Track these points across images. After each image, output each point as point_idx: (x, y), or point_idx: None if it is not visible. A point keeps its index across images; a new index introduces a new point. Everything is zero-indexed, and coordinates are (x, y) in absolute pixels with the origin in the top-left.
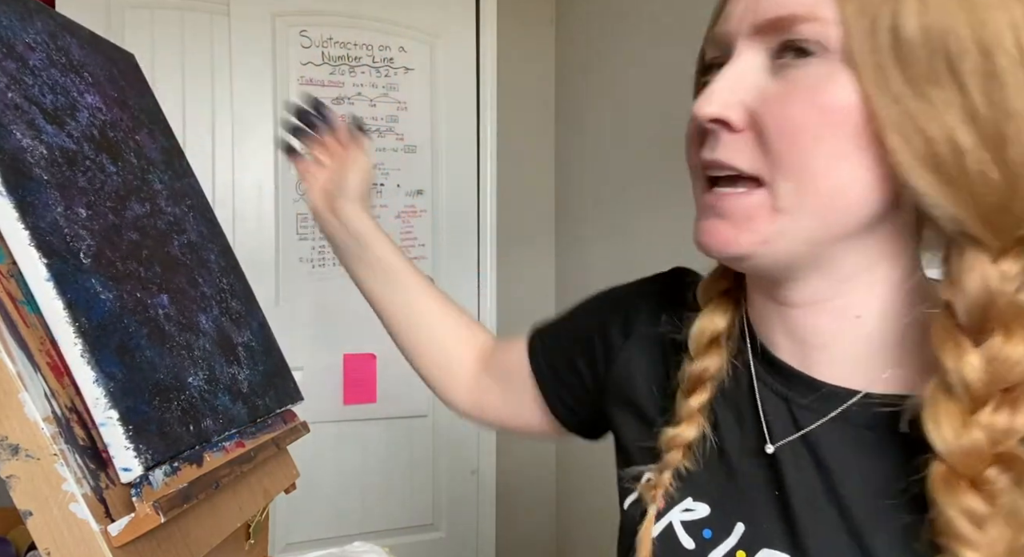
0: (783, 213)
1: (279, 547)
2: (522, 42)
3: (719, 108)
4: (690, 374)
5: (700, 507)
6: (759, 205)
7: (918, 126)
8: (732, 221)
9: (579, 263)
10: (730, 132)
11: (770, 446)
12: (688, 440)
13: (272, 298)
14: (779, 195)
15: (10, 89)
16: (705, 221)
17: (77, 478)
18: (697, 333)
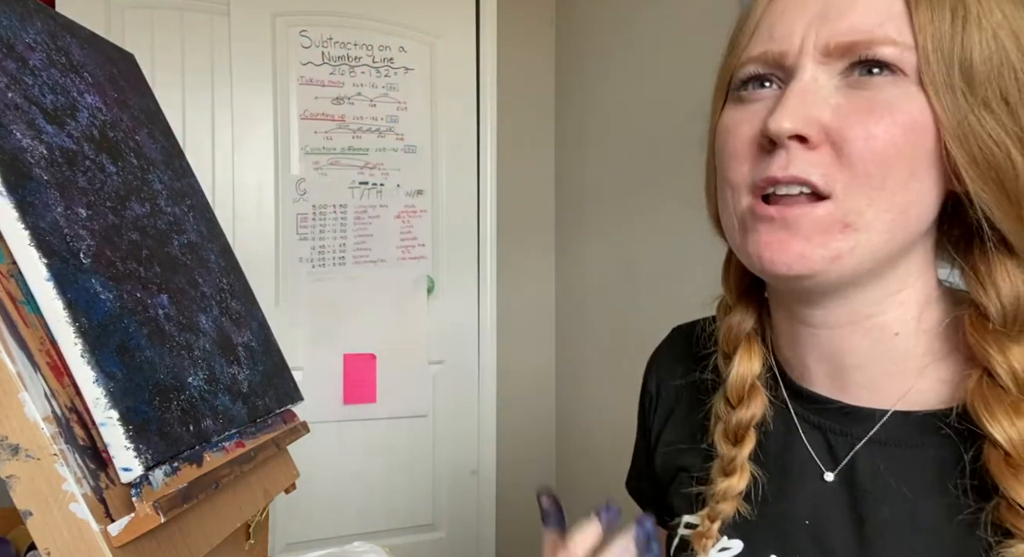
0: (855, 229)
1: (279, 547)
2: (522, 42)
3: (799, 124)
4: (737, 423)
5: (735, 544)
6: (832, 219)
7: (982, 142)
8: (804, 235)
9: (579, 263)
10: (806, 148)
11: (829, 474)
12: (740, 491)
13: (272, 298)
14: (850, 210)
15: (10, 89)
16: (767, 235)
17: (77, 478)
18: (737, 381)
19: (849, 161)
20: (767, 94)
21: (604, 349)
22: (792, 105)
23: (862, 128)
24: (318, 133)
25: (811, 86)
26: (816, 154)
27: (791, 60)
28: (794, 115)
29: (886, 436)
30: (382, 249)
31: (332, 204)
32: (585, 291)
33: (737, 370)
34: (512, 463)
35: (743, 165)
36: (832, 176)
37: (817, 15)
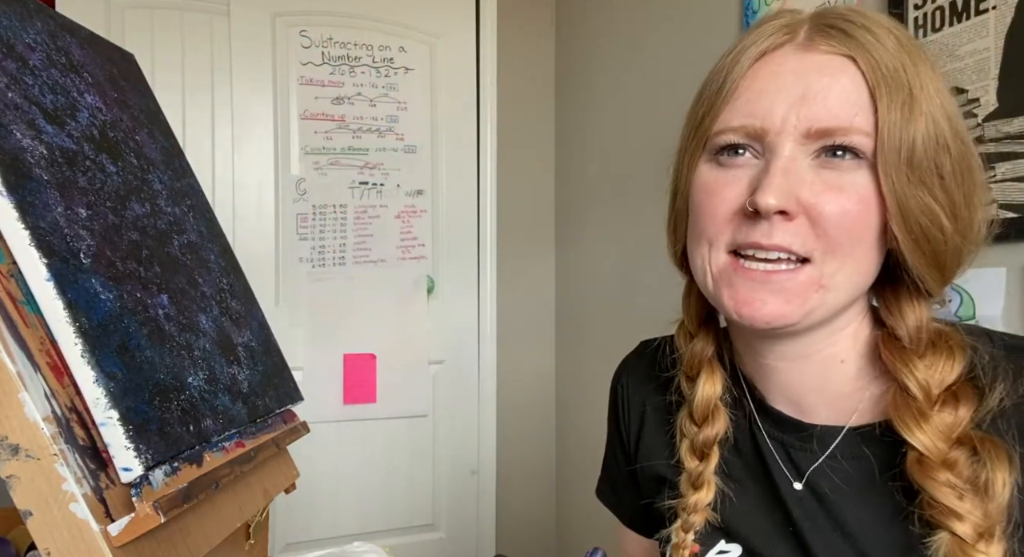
0: (827, 289)
1: (279, 547)
2: (522, 42)
3: (783, 201)
4: (703, 440)
5: (733, 548)
6: (809, 282)
7: (917, 217)
8: (784, 296)
9: (579, 263)
10: (785, 219)
11: (798, 484)
12: (707, 502)
13: (272, 298)
14: (825, 273)
15: (10, 89)
16: (747, 292)
17: (77, 478)
18: (702, 402)
19: (824, 232)
20: (744, 162)
21: (604, 349)
22: (777, 183)
23: (836, 205)
24: (318, 133)
25: (791, 165)
26: (794, 224)
27: (772, 137)
28: (779, 192)
29: (839, 450)
30: (382, 249)
31: (332, 204)
32: (585, 291)
33: (702, 392)
34: (512, 463)
35: (723, 226)
36: (809, 244)
37: (798, 98)
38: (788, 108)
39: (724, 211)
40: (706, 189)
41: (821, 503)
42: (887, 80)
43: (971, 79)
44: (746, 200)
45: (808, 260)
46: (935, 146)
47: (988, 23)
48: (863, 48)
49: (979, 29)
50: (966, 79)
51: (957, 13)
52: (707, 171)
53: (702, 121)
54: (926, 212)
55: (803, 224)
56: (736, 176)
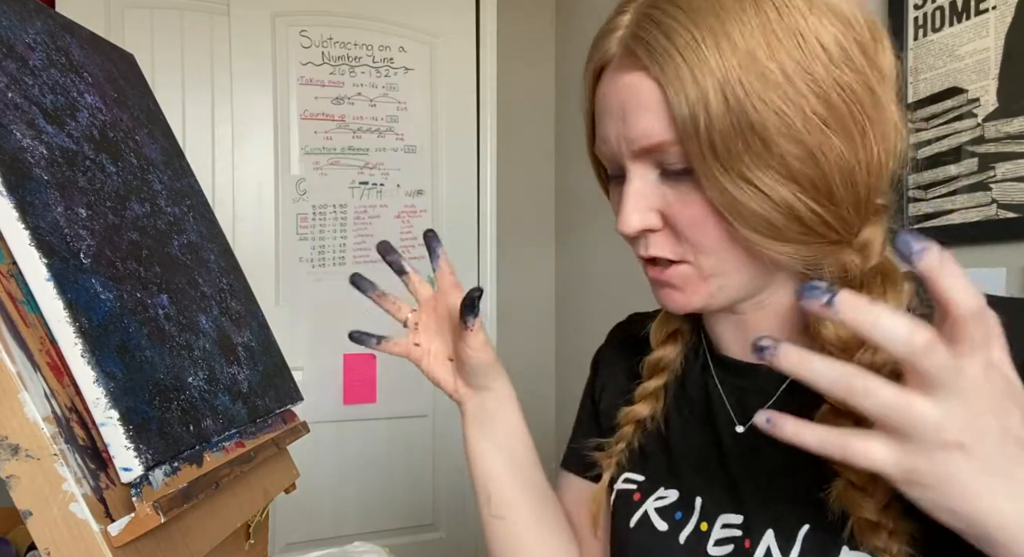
0: (714, 277)
1: (279, 547)
2: (522, 42)
3: (638, 224)
4: (649, 362)
5: (671, 494)
6: (690, 275)
7: (758, 214)
8: (679, 289)
9: (579, 263)
10: (652, 233)
11: (740, 427)
12: (641, 416)
13: (272, 298)
14: (704, 267)
15: (10, 89)
16: (660, 290)
17: (77, 478)
18: (656, 328)
19: (685, 239)
20: (621, 181)
21: None
22: (628, 209)
23: (684, 217)
24: (318, 133)
25: (640, 186)
26: (662, 235)
27: (619, 159)
28: (632, 218)
29: (789, 390)
30: None
31: (332, 204)
32: (585, 290)
33: (659, 322)
34: None
35: (632, 243)
36: (678, 249)
37: (619, 121)
38: (616, 133)
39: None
40: (613, 204)
41: (759, 446)
42: (675, 82)
43: (971, 79)
44: None
45: (683, 261)
46: (746, 115)
47: (988, 23)
48: (655, 58)
49: (979, 29)
50: (966, 79)
51: (957, 13)
52: (612, 187)
53: (590, 144)
54: (762, 200)
55: (668, 234)
56: (618, 196)
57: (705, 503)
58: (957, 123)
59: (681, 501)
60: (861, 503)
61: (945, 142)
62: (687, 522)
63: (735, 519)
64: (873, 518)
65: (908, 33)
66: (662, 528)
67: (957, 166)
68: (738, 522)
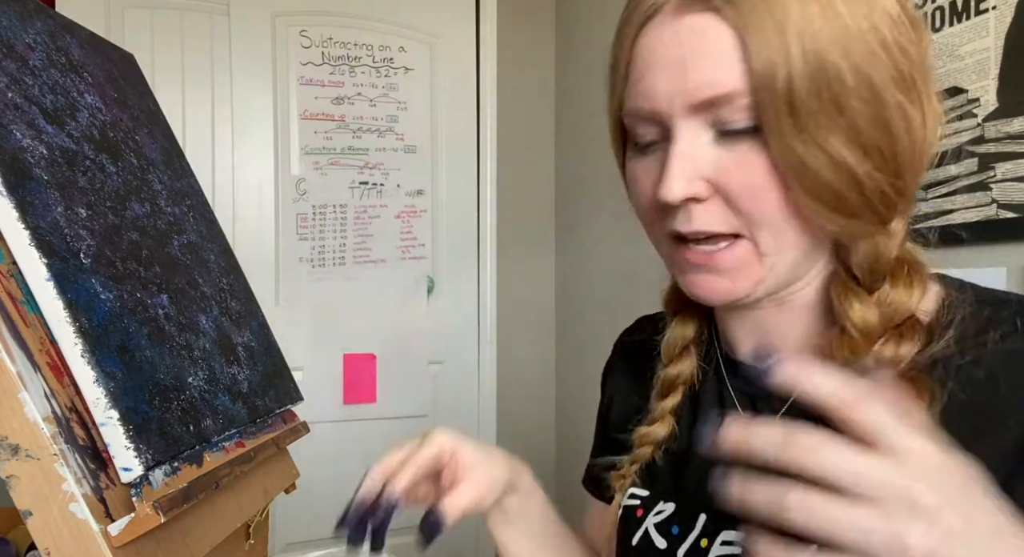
0: (769, 255)
1: (279, 547)
2: (522, 42)
3: (686, 189)
4: (664, 378)
5: (668, 507)
6: (747, 254)
7: (822, 181)
8: (727, 274)
9: (579, 263)
10: (698, 203)
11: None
12: (659, 437)
13: (272, 298)
14: (761, 243)
15: (10, 89)
16: (696, 276)
17: (77, 478)
18: (669, 342)
19: (738, 208)
20: (656, 148)
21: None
22: (675, 172)
23: (741, 182)
24: (318, 133)
25: (689, 147)
26: (709, 205)
27: (664, 119)
28: (679, 182)
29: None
30: (382, 249)
31: (332, 204)
32: (585, 291)
33: (671, 333)
34: None
35: (653, 215)
36: (731, 222)
37: (676, 71)
38: (669, 84)
39: (647, 202)
40: (633, 179)
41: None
42: (755, 26)
43: (971, 79)
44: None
45: (739, 235)
46: (823, 77)
47: (988, 23)
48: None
49: (979, 29)
50: (966, 79)
51: (957, 13)
52: (632, 161)
53: (611, 106)
54: (828, 165)
55: (718, 203)
56: (650, 164)
57: (708, 519)
58: (957, 123)
59: (678, 515)
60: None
61: (945, 142)
62: (685, 537)
63: (736, 536)
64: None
65: None
66: (661, 545)
67: (957, 166)
68: (739, 540)
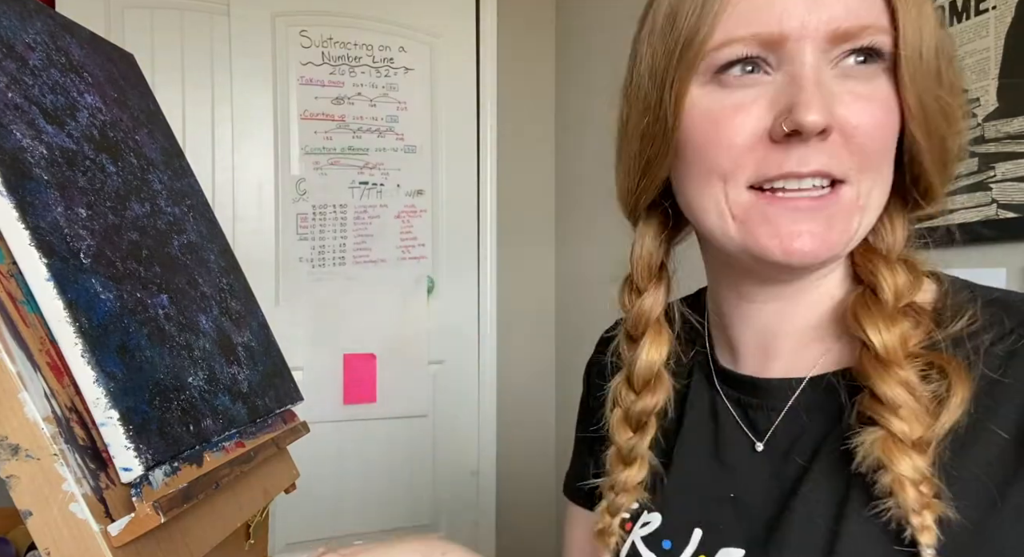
0: (864, 209)
1: (279, 547)
2: (522, 42)
3: (827, 117)
4: (641, 410)
5: (653, 518)
6: (852, 204)
7: (934, 120)
8: (830, 224)
9: (579, 263)
10: (821, 139)
11: (760, 444)
12: (640, 481)
13: (272, 298)
14: (862, 193)
15: (10, 89)
16: (789, 226)
17: (77, 478)
18: (644, 368)
19: (859, 147)
20: (759, 80)
21: None
22: (816, 99)
23: (869, 116)
24: (318, 133)
25: (821, 76)
26: (828, 144)
27: (792, 45)
28: (821, 109)
29: (801, 403)
30: (382, 249)
31: (332, 204)
32: (585, 291)
33: (646, 356)
34: (512, 464)
35: (744, 158)
36: (845, 164)
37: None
38: (806, 9)
39: (743, 140)
40: (711, 117)
41: (777, 468)
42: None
43: (971, 79)
44: (771, 124)
45: (843, 181)
46: (939, 49)
47: (988, 23)
48: None
49: (979, 29)
50: (966, 79)
51: (957, 13)
52: (707, 96)
53: (692, 37)
54: (940, 114)
55: (837, 142)
56: (749, 97)
57: (705, 536)
58: None
59: (668, 528)
60: (903, 456)
61: None
62: (679, 552)
63: (735, 553)
64: (912, 476)
65: None
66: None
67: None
68: (740, 556)
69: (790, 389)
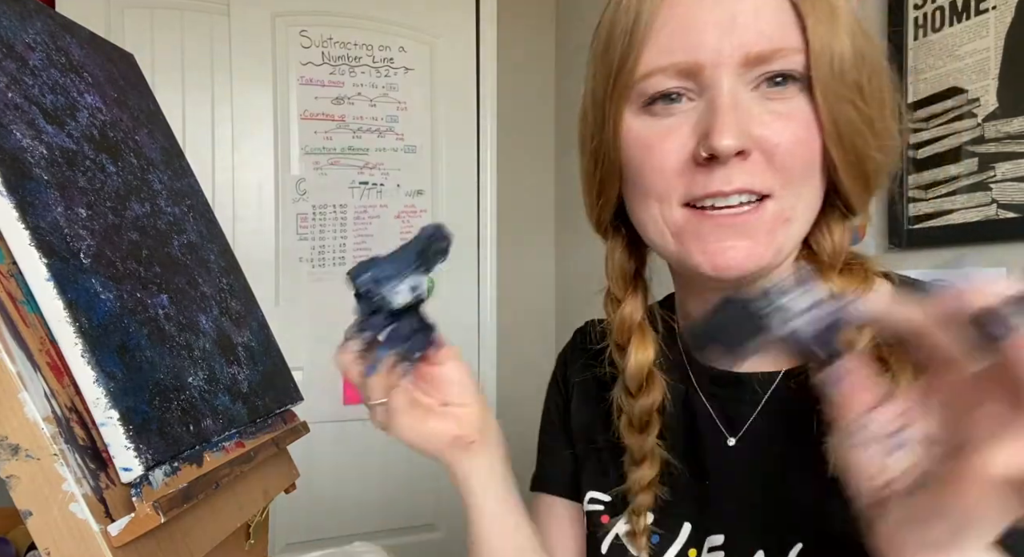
0: (791, 221)
1: (279, 547)
2: (522, 42)
3: (741, 140)
4: (640, 410)
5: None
6: (776, 217)
7: (848, 134)
8: (755, 238)
9: (579, 263)
10: (742, 159)
11: (732, 439)
12: (653, 477)
13: (272, 298)
14: (787, 206)
15: (10, 89)
16: (716, 243)
17: (77, 478)
18: (635, 370)
19: (781, 165)
20: (682, 108)
21: None
22: (730, 122)
23: (788, 134)
24: (318, 133)
25: (736, 100)
26: (750, 163)
27: (709, 72)
28: (733, 132)
29: (776, 398)
30: (382, 249)
31: (332, 204)
32: (585, 291)
33: (635, 359)
34: (512, 462)
35: (674, 180)
36: (768, 180)
37: (727, 24)
38: (720, 37)
39: (671, 164)
40: (643, 143)
41: (750, 457)
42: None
43: (971, 79)
44: (694, 148)
45: (768, 196)
46: (856, 60)
47: (988, 23)
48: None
49: (979, 29)
50: (966, 79)
51: (957, 13)
52: (639, 123)
53: (621, 66)
54: (855, 129)
55: (758, 160)
56: (675, 124)
57: (694, 528)
58: (957, 123)
59: (658, 524)
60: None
61: (945, 142)
62: (668, 545)
63: (717, 540)
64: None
65: (908, 33)
66: (637, 555)
67: (957, 166)
68: (719, 543)
69: (767, 382)
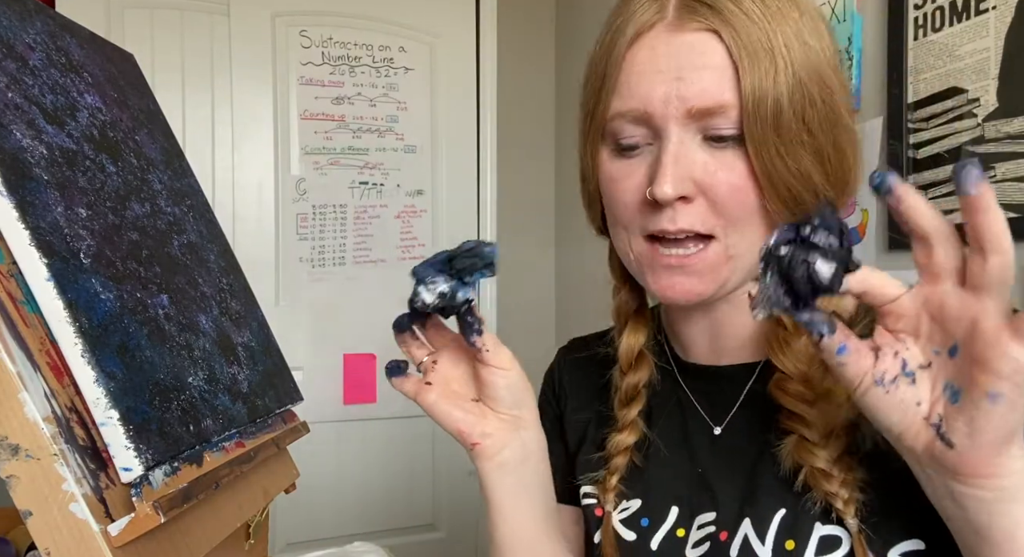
0: (735, 258)
1: (279, 547)
2: (522, 42)
3: (679, 188)
4: (626, 386)
5: (633, 503)
6: (719, 257)
7: (787, 186)
8: (698, 276)
9: (579, 262)
10: (685, 203)
11: (718, 428)
12: (630, 444)
13: (272, 298)
14: (731, 245)
15: (10, 89)
16: (666, 278)
17: (77, 478)
18: (626, 350)
19: (722, 209)
20: (639, 153)
21: None
22: (670, 172)
23: (727, 184)
24: (318, 133)
25: (681, 149)
26: (694, 206)
27: (657, 121)
28: (673, 181)
29: (758, 386)
30: (382, 249)
31: (332, 204)
32: (585, 290)
33: (626, 341)
34: None
35: (633, 214)
36: (710, 222)
37: (674, 79)
38: (666, 90)
39: (630, 200)
40: (611, 179)
41: (736, 444)
42: (748, 50)
43: (971, 79)
44: (646, 190)
45: (712, 236)
46: (801, 101)
47: (988, 23)
48: (727, 22)
49: (979, 29)
50: (966, 79)
51: (957, 13)
52: (609, 161)
53: (594, 109)
54: (797, 176)
55: (702, 204)
56: (635, 165)
57: (682, 511)
58: (957, 123)
59: (646, 509)
60: (814, 454)
61: (945, 142)
62: (657, 528)
63: (709, 517)
64: (824, 468)
65: (908, 33)
66: (630, 538)
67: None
68: (711, 519)
69: (747, 373)
